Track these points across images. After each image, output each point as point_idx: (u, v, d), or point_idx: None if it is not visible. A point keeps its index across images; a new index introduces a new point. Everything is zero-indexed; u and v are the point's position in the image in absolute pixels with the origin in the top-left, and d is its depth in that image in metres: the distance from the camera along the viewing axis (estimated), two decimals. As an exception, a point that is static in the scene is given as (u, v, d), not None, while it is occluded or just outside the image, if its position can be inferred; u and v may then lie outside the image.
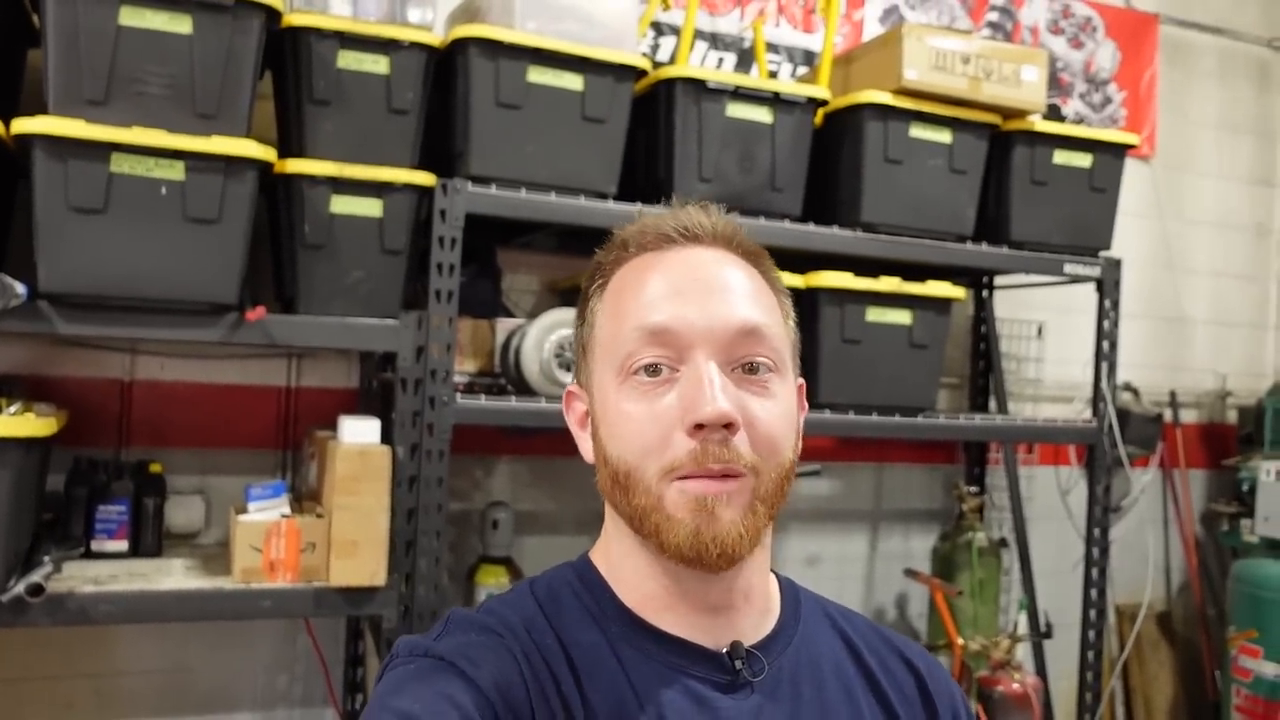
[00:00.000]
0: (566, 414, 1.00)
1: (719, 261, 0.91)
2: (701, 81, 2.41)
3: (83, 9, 1.91)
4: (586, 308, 0.96)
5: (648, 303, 0.88)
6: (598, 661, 0.88)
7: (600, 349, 0.92)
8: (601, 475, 0.92)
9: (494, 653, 0.85)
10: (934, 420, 2.72)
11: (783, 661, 0.93)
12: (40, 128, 1.88)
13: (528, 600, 0.93)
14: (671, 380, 0.86)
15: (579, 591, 0.94)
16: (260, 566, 2.13)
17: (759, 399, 0.87)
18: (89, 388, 2.48)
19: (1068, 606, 3.22)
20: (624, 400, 0.88)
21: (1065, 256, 2.84)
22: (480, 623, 0.89)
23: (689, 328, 0.86)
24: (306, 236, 2.15)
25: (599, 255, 0.97)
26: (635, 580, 0.92)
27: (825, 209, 2.62)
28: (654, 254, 0.92)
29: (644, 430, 0.86)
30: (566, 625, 0.90)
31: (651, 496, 0.85)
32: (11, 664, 2.42)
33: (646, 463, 0.85)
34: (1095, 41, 3.62)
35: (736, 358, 0.87)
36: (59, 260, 1.92)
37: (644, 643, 0.90)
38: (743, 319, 0.87)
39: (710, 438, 0.83)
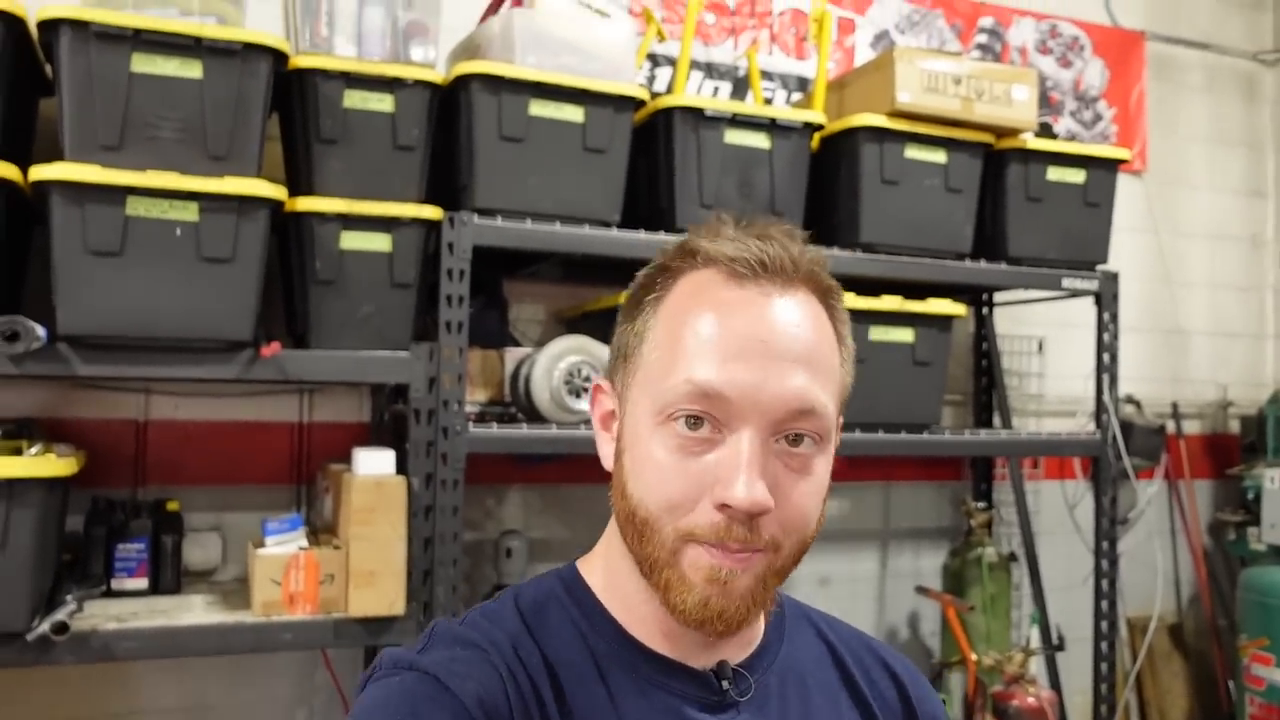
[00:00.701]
0: (591, 407, 0.96)
1: (791, 314, 0.84)
2: (700, 110, 2.46)
3: (96, 58, 1.96)
4: (639, 312, 0.90)
5: (705, 354, 0.83)
6: (582, 678, 0.87)
7: (643, 373, 0.88)
8: (618, 500, 0.89)
9: (479, 668, 0.83)
10: (940, 436, 2.75)
11: (769, 677, 0.92)
12: (58, 174, 1.93)
13: (512, 615, 0.91)
14: (711, 441, 0.82)
15: (566, 605, 0.92)
16: (280, 599, 2.15)
17: (796, 476, 0.84)
18: (104, 428, 2.51)
19: (1079, 620, 3.24)
20: (657, 446, 0.84)
21: (1063, 271, 2.88)
22: (465, 637, 0.87)
23: (741, 396, 0.81)
24: (318, 272, 2.19)
25: (665, 256, 0.91)
26: (632, 601, 0.90)
27: (825, 230, 2.67)
28: (725, 283, 0.85)
29: (671, 486, 0.83)
30: (551, 641, 0.89)
31: (665, 551, 0.83)
32: (34, 705, 2.44)
33: (666, 518, 0.83)
34: (1083, 60, 3.68)
35: (782, 430, 0.83)
36: (77, 302, 1.96)
37: (631, 659, 0.89)
38: (799, 397, 0.82)
39: (735, 518, 0.81)
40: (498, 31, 2.34)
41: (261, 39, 2.06)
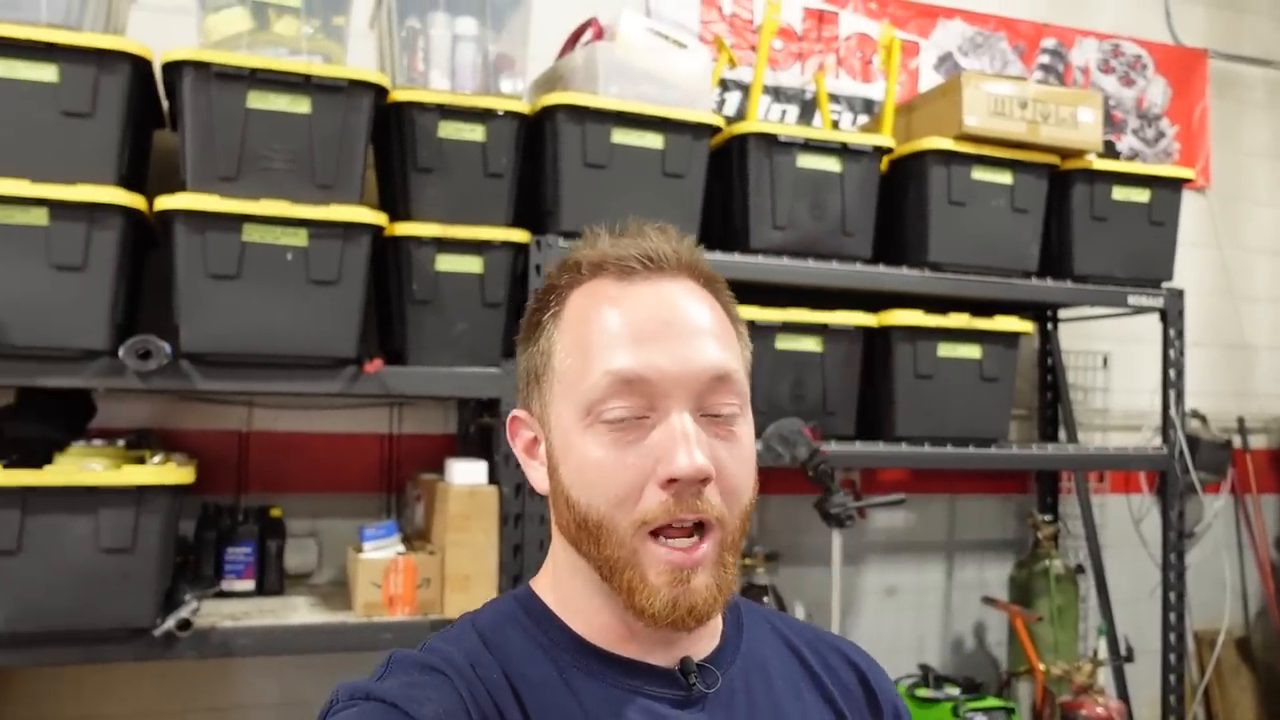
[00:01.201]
0: (512, 441, 0.97)
1: (684, 297, 0.89)
2: (774, 136, 2.56)
3: (216, 96, 2.12)
4: (538, 333, 0.93)
5: (616, 345, 0.86)
6: (546, 690, 0.86)
7: (560, 383, 0.89)
8: (563, 516, 0.89)
9: (438, 691, 0.83)
10: (1009, 450, 2.82)
11: (733, 671, 0.93)
12: (181, 204, 2.09)
13: (470, 636, 0.91)
14: (641, 428, 0.85)
15: (524, 624, 0.92)
16: (380, 601, 2.28)
17: (727, 445, 0.87)
18: (210, 439, 2.67)
19: (1145, 633, 3.27)
20: (590, 446, 0.85)
21: (1128, 288, 2.94)
22: (423, 661, 0.87)
23: (662, 376, 0.84)
24: (415, 293, 2.32)
25: (551, 277, 0.94)
26: (589, 613, 0.91)
27: (894, 250, 2.75)
28: (615, 283, 0.89)
29: (615, 480, 0.84)
30: (512, 658, 0.88)
31: (625, 550, 0.84)
32: (141, 698, 2.59)
33: (618, 514, 0.84)
34: (1146, 79, 3.73)
35: (706, 405, 0.86)
36: (198, 322, 2.11)
37: (595, 667, 0.89)
38: (715, 366, 0.86)
39: (683, 490, 0.83)
40: (581, 63, 2.47)
41: (365, 76, 2.21)
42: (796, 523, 3.11)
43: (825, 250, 2.62)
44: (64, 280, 2.03)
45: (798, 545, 3.12)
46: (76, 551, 2.01)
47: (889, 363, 2.67)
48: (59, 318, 2.03)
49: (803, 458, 2.13)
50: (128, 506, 2.03)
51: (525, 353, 0.95)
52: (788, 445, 2.12)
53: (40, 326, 2.03)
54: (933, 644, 3.41)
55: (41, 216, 2.01)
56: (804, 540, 3.12)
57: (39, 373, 2.07)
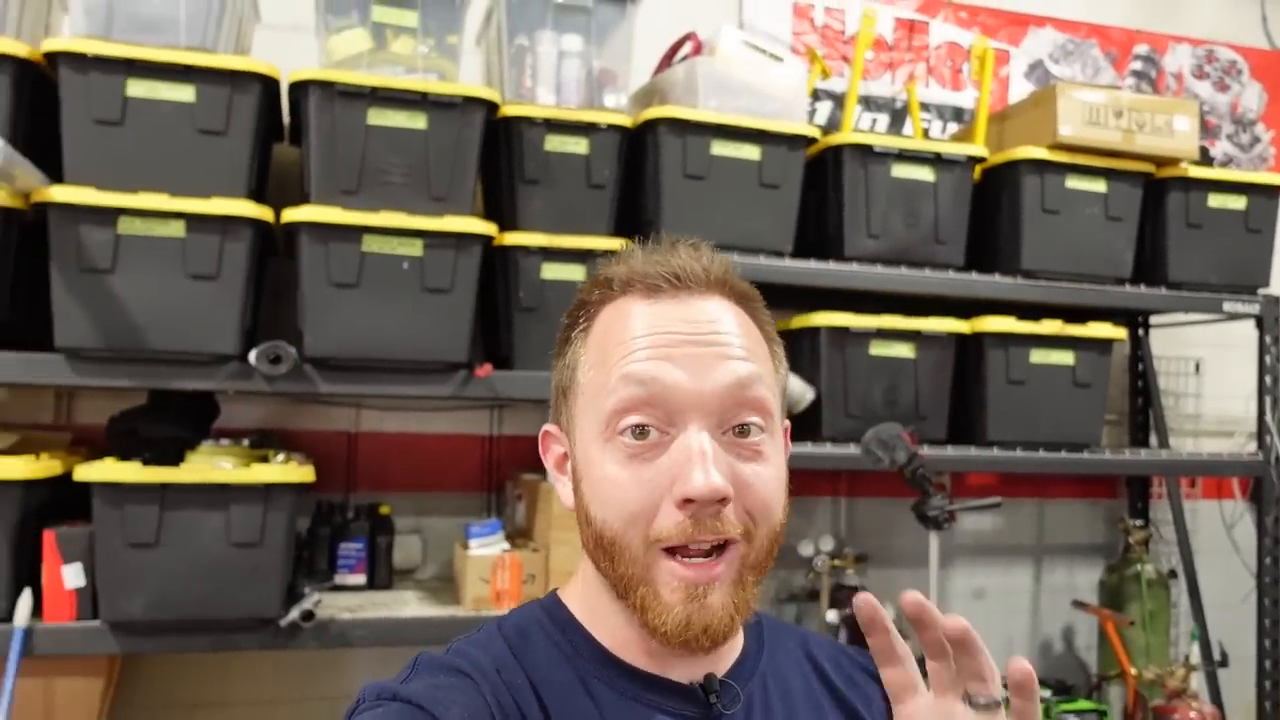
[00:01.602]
0: (543, 455, 0.96)
1: (711, 312, 0.87)
2: (869, 146, 2.61)
3: (339, 113, 2.23)
4: (568, 348, 0.93)
5: (635, 359, 0.84)
6: (570, 700, 0.86)
7: (583, 397, 0.88)
8: (583, 532, 0.89)
9: (463, 694, 0.83)
10: (1101, 456, 2.83)
11: (753, 687, 0.92)
12: (307, 216, 2.20)
13: (496, 640, 0.91)
14: (660, 445, 0.83)
15: (549, 630, 0.92)
16: (488, 595, 2.38)
17: (751, 464, 0.84)
18: (321, 439, 2.79)
19: (1237, 639, 3.25)
20: (608, 462, 0.84)
21: (1224, 295, 2.93)
22: (448, 664, 0.87)
23: (679, 391, 0.83)
24: (521, 300, 2.41)
25: (582, 292, 0.93)
26: (613, 626, 0.90)
27: (986, 258, 2.78)
28: (642, 300, 0.88)
29: (630, 497, 0.83)
30: (537, 664, 0.88)
31: (639, 566, 0.83)
32: (259, 687, 2.72)
33: (632, 531, 0.83)
34: (1241, 84, 3.70)
35: (728, 421, 0.84)
36: (321, 328, 2.23)
37: (617, 679, 0.88)
38: (736, 380, 0.84)
39: (700, 511, 0.81)
40: (682, 77, 2.54)
41: (478, 92, 2.30)
42: (886, 525, 3.16)
43: (918, 258, 2.67)
44: (199, 288, 2.15)
45: (888, 547, 3.16)
46: (209, 545, 2.13)
47: (981, 368, 2.70)
48: (193, 324, 2.16)
49: (901, 462, 2.18)
50: (256, 503, 2.15)
51: (555, 368, 0.95)
52: (887, 449, 2.17)
53: (176, 332, 2.15)
54: (1020, 646, 3.42)
55: (179, 229, 2.14)
56: (893, 542, 3.16)
57: (175, 376, 2.19)
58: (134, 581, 2.10)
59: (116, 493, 2.09)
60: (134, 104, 2.13)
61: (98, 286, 2.10)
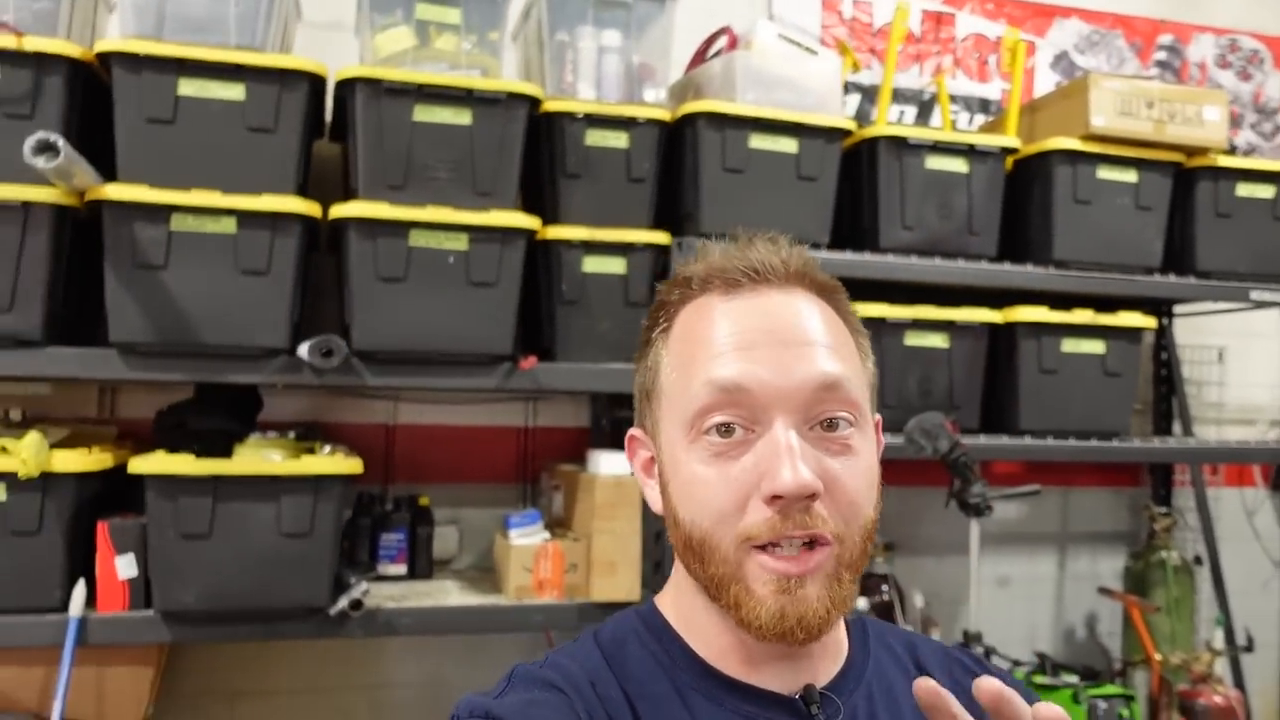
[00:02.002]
0: (630, 460, 0.97)
1: (792, 306, 0.86)
2: (903, 139, 2.64)
3: (385, 110, 2.25)
4: (649, 350, 0.93)
5: (718, 357, 0.84)
6: (665, 712, 0.85)
7: (666, 400, 0.88)
8: (673, 534, 0.88)
9: (555, 711, 0.82)
10: (1132, 444, 2.86)
11: (856, 699, 0.90)
12: (355, 211, 2.23)
13: (592, 651, 0.90)
14: (746, 442, 0.82)
15: (646, 640, 0.91)
16: (530, 585, 2.41)
17: (840, 459, 0.83)
18: (361, 431, 2.82)
19: (1260, 624, 3.29)
20: (695, 462, 0.84)
21: (1251, 284, 2.96)
22: (543, 678, 0.86)
23: (763, 388, 0.82)
24: (564, 294, 2.44)
25: (662, 293, 0.93)
26: (709, 634, 0.89)
27: (1018, 248, 2.81)
28: (722, 297, 0.87)
29: (718, 496, 0.82)
30: (632, 675, 0.87)
31: (730, 565, 0.82)
32: (299, 676, 2.76)
33: (721, 530, 0.82)
34: (1263, 73, 3.72)
35: (815, 415, 0.83)
36: (369, 322, 2.25)
37: (715, 690, 0.87)
38: (821, 375, 0.83)
39: (789, 507, 0.80)
40: (719, 71, 2.56)
41: (521, 89, 2.33)
42: (913, 513, 3.19)
43: (952, 249, 2.69)
44: (249, 284, 2.18)
45: (915, 536, 3.20)
46: (260, 536, 2.16)
47: (1013, 358, 2.73)
48: (244, 318, 2.19)
49: (944, 450, 2.21)
50: (307, 494, 2.19)
51: (638, 370, 0.95)
52: (930, 438, 2.20)
53: (227, 327, 2.18)
54: (1044, 633, 3.46)
55: (230, 225, 2.16)
56: (920, 531, 3.20)
57: (225, 369, 2.22)
58: (187, 572, 2.13)
59: (170, 485, 2.12)
60: (185, 103, 2.15)
61: (151, 282, 2.13)
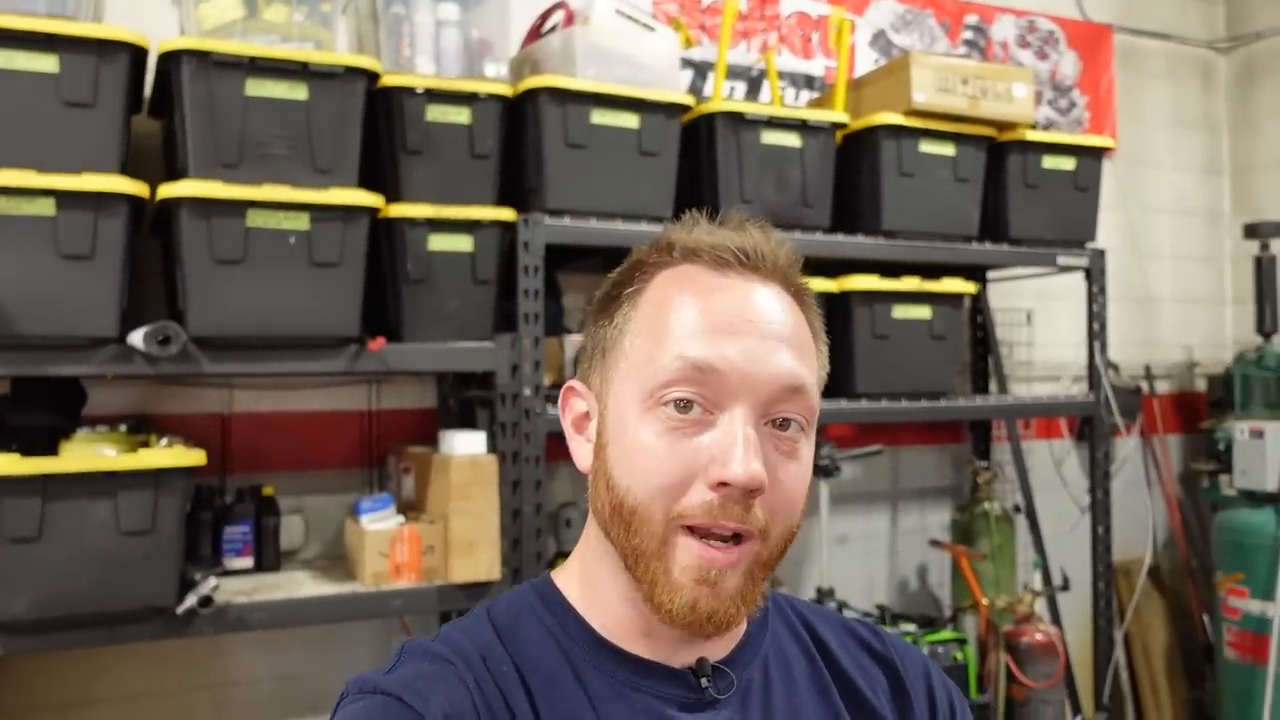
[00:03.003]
0: (562, 412, 0.94)
1: (776, 301, 0.86)
2: (740, 114, 2.70)
3: (215, 84, 2.15)
4: (616, 307, 0.90)
5: (695, 333, 0.83)
6: (557, 686, 0.85)
7: (627, 361, 0.87)
8: (599, 496, 0.87)
9: (444, 683, 0.82)
10: (958, 403, 3.04)
11: (752, 671, 0.91)
12: (186, 191, 2.12)
13: (484, 626, 0.90)
14: (702, 423, 0.82)
15: (540, 614, 0.90)
16: (388, 570, 2.37)
17: (785, 460, 0.83)
18: (194, 422, 2.69)
19: (1069, 565, 3.55)
20: (645, 430, 0.83)
21: (1057, 250, 3.18)
22: (433, 651, 0.86)
23: (734, 373, 0.81)
24: (410, 272, 2.40)
25: (640, 252, 0.91)
26: (610, 601, 0.89)
27: (849, 219, 2.92)
28: (706, 272, 0.86)
29: (662, 469, 0.81)
30: (525, 649, 0.87)
31: (655, 540, 0.82)
32: (137, 680, 2.63)
33: (657, 503, 0.81)
34: (1058, 52, 3.98)
35: (773, 412, 0.83)
36: (206, 307, 2.16)
37: (608, 664, 0.87)
38: (791, 375, 0.83)
39: (731, 496, 0.80)
40: (558, 47, 2.56)
41: (359, 62, 2.26)
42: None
43: (788, 221, 2.78)
44: (72, 269, 2.05)
45: (759, 500, 3.29)
46: (97, 536, 2.04)
47: (849, 325, 2.85)
48: (68, 306, 2.06)
49: (793, 416, 2.29)
50: (147, 489, 2.08)
51: (596, 324, 0.92)
52: (781, 405, 2.27)
53: (49, 316, 2.04)
54: (881, 586, 3.64)
55: (49, 206, 2.03)
56: (764, 495, 3.29)
57: (49, 361, 2.09)
58: (16, 578, 2.00)
59: (-7, 487, 1.98)
60: (-9, 75, 2.00)
61: (-40, 270, 1.98)
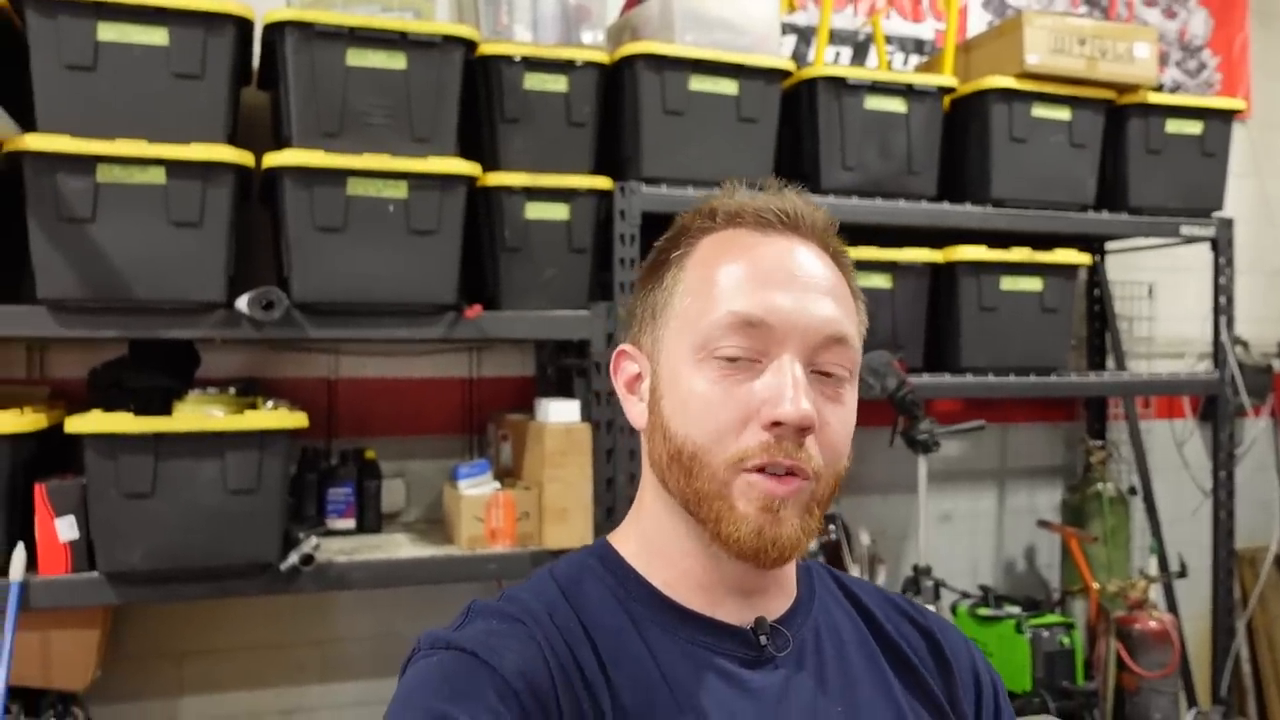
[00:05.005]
0: (614, 375, 0.98)
1: (815, 259, 0.90)
2: (843, 79, 2.64)
3: (317, 54, 2.19)
4: (665, 271, 0.94)
5: (742, 288, 0.87)
6: (622, 643, 0.87)
7: (678, 320, 0.90)
8: (657, 448, 0.91)
9: (517, 640, 0.84)
10: (1070, 379, 2.92)
11: (804, 633, 0.94)
12: (290, 160, 2.17)
13: (549, 585, 0.92)
14: (753, 370, 0.86)
15: (601, 575, 0.93)
16: (483, 534, 2.40)
17: (832, 405, 0.88)
18: (301, 386, 2.77)
19: (1188, 551, 3.40)
20: (698, 380, 0.87)
21: (1181, 219, 3.02)
22: (502, 610, 0.88)
23: (782, 322, 0.85)
24: (507, 240, 2.41)
25: (685, 219, 0.95)
26: (672, 556, 0.92)
27: (957, 188, 2.83)
28: (750, 234, 0.90)
29: (718, 414, 0.85)
30: (589, 608, 0.90)
31: (716, 483, 0.85)
32: (248, 633, 2.73)
33: (716, 448, 0.85)
34: (1188, 10, 3.78)
35: (818, 362, 0.87)
36: (308, 274, 2.21)
37: (669, 621, 0.89)
38: (834, 325, 0.87)
39: (785, 435, 0.84)
40: (656, 12, 2.53)
41: (457, 31, 2.28)
42: (857, 454, 3.20)
43: (892, 189, 2.71)
44: (182, 236, 2.12)
45: (859, 475, 3.24)
46: (206, 493, 2.12)
47: (954, 297, 2.77)
48: (178, 272, 2.13)
49: (891, 389, 2.24)
50: (252, 450, 2.15)
51: (645, 289, 0.96)
52: (878, 377, 2.22)
53: (161, 281, 2.12)
54: (986, 566, 3.54)
55: (159, 175, 2.10)
56: (863, 470, 3.24)
57: (161, 325, 2.17)
58: (131, 532, 2.09)
59: (110, 444, 2.06)
60: (106, 48, 2.08)
61: (79, 236, 2.06)
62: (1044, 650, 2.75)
